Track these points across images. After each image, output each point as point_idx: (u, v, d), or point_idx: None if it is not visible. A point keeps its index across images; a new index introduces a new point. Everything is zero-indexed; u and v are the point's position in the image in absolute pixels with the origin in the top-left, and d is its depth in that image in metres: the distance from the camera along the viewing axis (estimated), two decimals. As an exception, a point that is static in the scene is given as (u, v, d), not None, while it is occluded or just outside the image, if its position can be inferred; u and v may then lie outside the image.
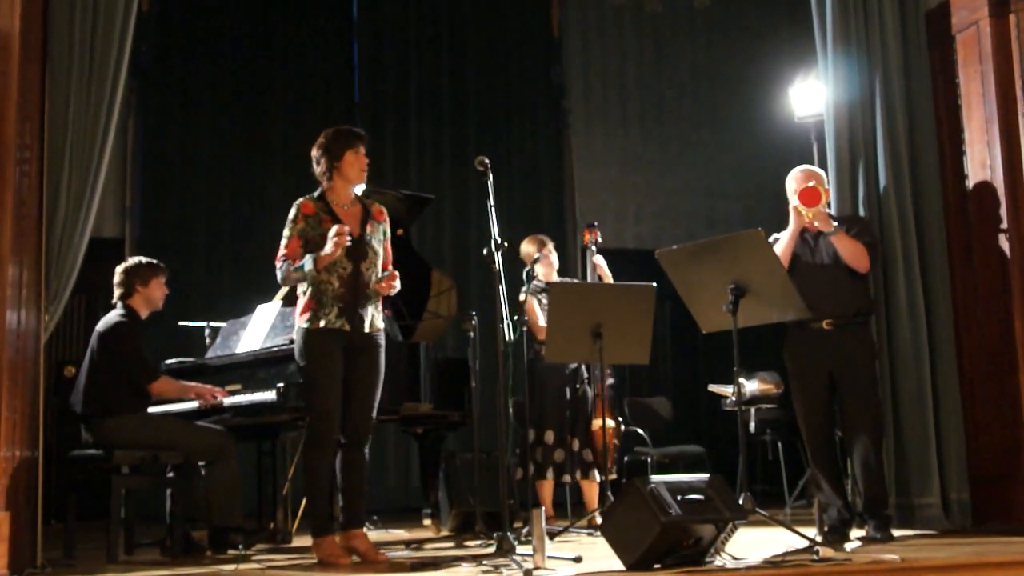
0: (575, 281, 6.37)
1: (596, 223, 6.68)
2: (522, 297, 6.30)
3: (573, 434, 6.25)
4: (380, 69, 10.09)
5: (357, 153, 4.86)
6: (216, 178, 9.56)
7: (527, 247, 6.50)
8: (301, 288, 4.83)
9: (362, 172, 4.90)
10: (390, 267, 5.00)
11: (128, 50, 5.01)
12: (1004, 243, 5.32)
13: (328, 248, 4.65)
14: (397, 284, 4.86)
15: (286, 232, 4.84)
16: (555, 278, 6.47)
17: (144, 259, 5.69)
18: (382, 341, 4.92)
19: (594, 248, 6.48)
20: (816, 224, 5.07)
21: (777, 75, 9.04)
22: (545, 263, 6.41)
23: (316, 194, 4.91)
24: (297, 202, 4.88)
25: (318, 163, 4.88)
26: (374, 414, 4.87)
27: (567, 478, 6.25)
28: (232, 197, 9.56)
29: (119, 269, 5.63)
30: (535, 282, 6.38)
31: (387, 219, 5.05)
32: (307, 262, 4.68)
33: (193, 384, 5.64)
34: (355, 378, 4.81)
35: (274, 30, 9.88)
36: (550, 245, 6.48)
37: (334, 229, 4.67)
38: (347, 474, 4.84)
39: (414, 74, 10.17)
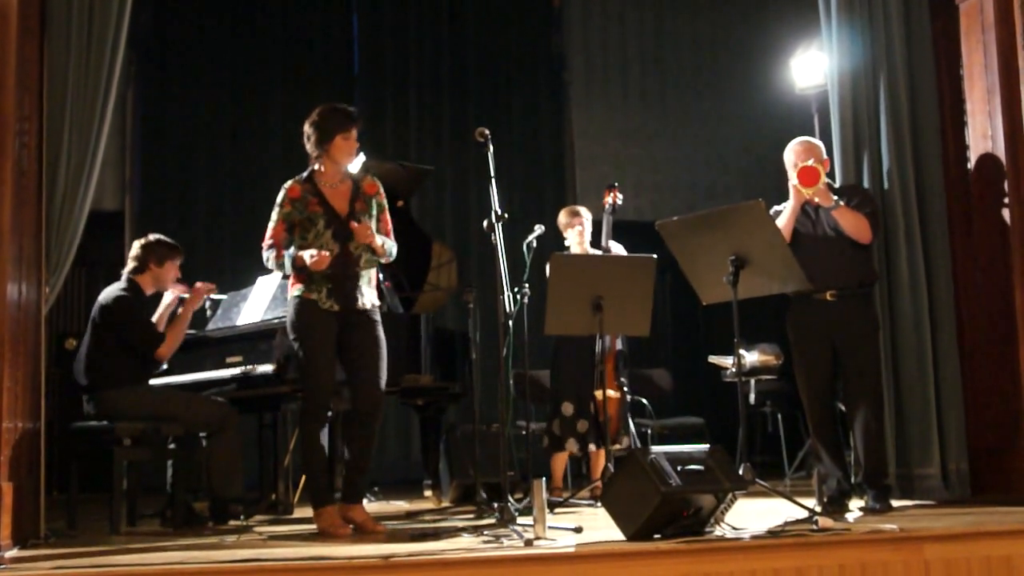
0: (575, 253, 6.35)
1: (616, 183, 6.63)
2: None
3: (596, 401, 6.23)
4: (379, 41, 10.06)
5: (347, 138, 4.83)
6: (216, 150, 9.55)
7: (560, 217, 6.47)
8: None
9: (350, 156, 4.89)
10: (391, 236, 5.00)
11: (126, 21, 4.98)
12: (1005, 214, 5.31)
13: (306, 258, 4.68)
14: (371, 235, 4.80)
15: (272, 216, 4.87)
16: (588, 249, 6.43)
17: (165, 239, 5.66)
18: (377, 316, 4.93)
19: (613, 209, 6.44)
20: (816, 200, 5.07)
21: (778, 46, 9.00)
22: (576, 235, 6.37)
23: (304, 175, 4.91)
24: (285, 185, 4.89)
25: (308, 139, 4.88)
26: (381, 388, 4.87)
27: (592, 447, 6.25)
28: (232, 169, 9.55)
29: (138, 243, 5.63)
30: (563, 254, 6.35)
31: (380, 191, 5.02)
32: (286, 262, 4.75)
33: (171, 304, 5.64)
34: (355, 355, 4.83)
35: (273, 1, 9.83)
36: (583, 216, 6.43)
37: (309, 255, 4.65)
38: (352, 449, 4.87)
39: (413, 46, 10.13)
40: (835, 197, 5.06)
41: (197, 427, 5.46)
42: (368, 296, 4.89)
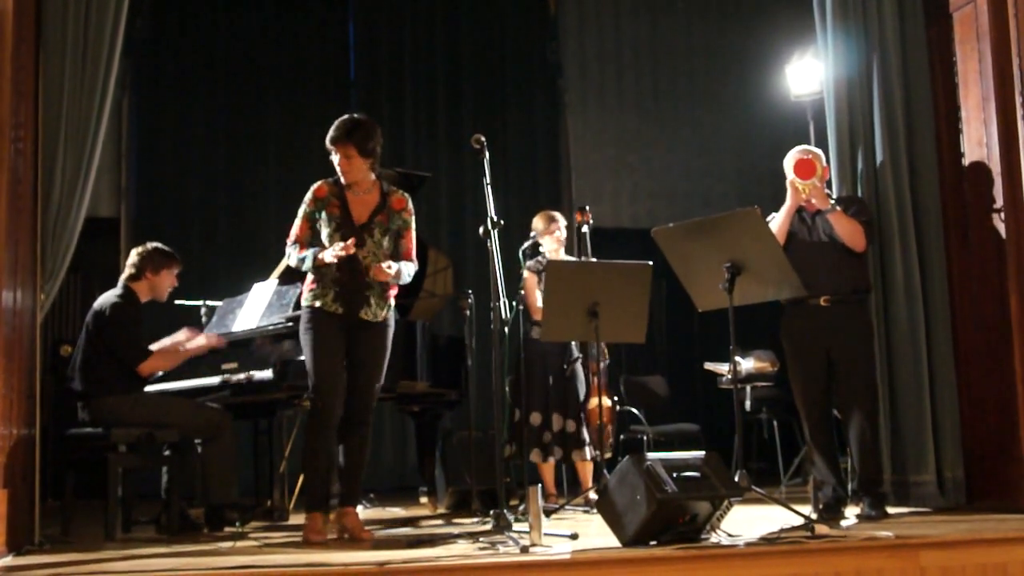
0: (572, 259, 6.35)
1: (587, 206, 6.63)
2: (525, 275, 6.27)
3: (564, 414, 6.22)
4: (375, 47, 10.05)
5: (337, 155, 4.82)
6: (211, 156, 9.54)
7: (536, 223, 6.44)
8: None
9: (344, 173, 4.84)
10: (412, 257, 4.97)
11: (122, 28, 4.98)
12: (999, 221, 5.32)
13: (327, 256, 4.68)
14: (389, 272, 4.76)
15: (299, 213, 4.89)
16: (563, 255, 6.42)
17: (162, 246, 5.66)
18: (390, 323, 4.92)
19: (585, 230, 6.45)
20: (813, 201, 5.09)
21: (774, 54, 9.03)
22: (554, 240, 6.35)
23: (335, 177, 4.92)
24: (314, 185, 4.90)
25: None
26: (373, 396, 4.89)
27: (551, 459, 6.22)
28: (228, 175, 9.53)
29: (135, 251, 5.64)
30: (537, 259, 6.34)
31: (408, 208, 4.99)
32: (308, 258, 4.75)
33: (181, 341, 5.64)
34: (358, 360, 4.84)
35: (269, 7, 9.84)
36: (560, 222, 6.40)
37: (339, 245, 4.65)
38: (348, 453, 4.88)
39: (409, 52, 10.13)
40: (831, 201, 5.09)
41: (192, 433, 5.45)
42: (378, 309, 4.85)
